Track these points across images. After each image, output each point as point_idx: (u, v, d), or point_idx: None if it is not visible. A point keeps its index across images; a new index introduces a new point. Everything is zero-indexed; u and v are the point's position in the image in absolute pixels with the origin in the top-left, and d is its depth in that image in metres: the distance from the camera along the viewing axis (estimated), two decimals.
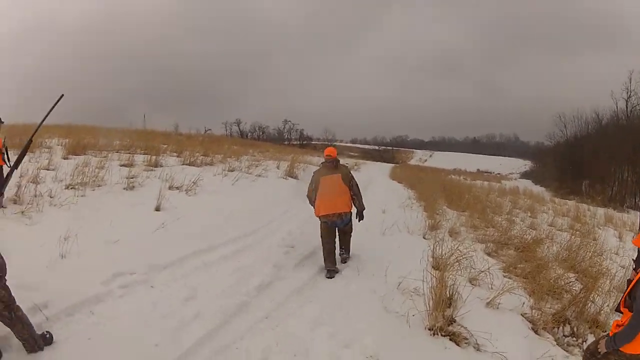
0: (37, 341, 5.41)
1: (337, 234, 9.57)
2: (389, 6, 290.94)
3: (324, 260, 9.25)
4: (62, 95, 5.60)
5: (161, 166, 16.41)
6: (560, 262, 11.46)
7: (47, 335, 5.64)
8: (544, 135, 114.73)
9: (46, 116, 5.63)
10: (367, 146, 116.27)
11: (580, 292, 8.24)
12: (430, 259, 9.25)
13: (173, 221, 11.04)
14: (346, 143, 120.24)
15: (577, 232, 18.16)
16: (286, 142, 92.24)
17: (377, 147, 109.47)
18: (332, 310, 7.48)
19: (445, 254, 9.07)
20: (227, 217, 12.38)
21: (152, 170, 15.50)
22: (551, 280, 9.35)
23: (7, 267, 5.25)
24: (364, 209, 9.66)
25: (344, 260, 9.69)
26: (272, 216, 13.38)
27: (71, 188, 11.96)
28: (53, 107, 5.60)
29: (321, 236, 9.37)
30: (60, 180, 12.41)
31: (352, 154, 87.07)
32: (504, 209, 22.14)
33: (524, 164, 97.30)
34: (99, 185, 12.68)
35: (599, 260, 12.04)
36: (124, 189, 12.97)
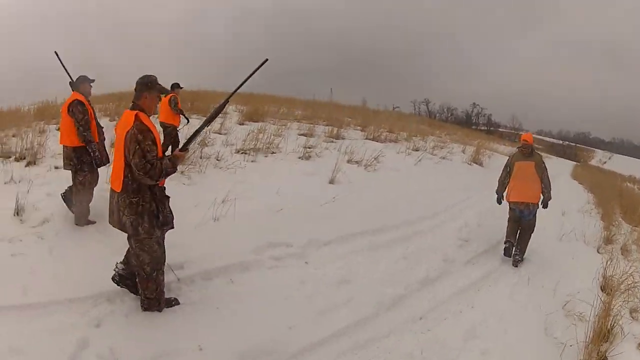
0: (160, 304, 5.60)
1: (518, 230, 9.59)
2: None
3: (507, 234, 9.64)
4: (267, 59, 5.43)
5: (342, 139, 16.65)
6: None
7: (173, 302, 5.86)
8: None
9: (246, 79, 5.47)
10: (552, 140, 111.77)
11: None
12: (601, 278, 8.73)
13: (345, 196, 10.97)
14: (533, 134, 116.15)
15: None
16: (473, 127, 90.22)
17: (561, 142, 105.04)
18: (491, 321, 6.89)
19: (616, 276, 8.45)
20: (404, 198, 12.07)
21: (332, 142, 15.83)
22: None
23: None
24: (550, 199, 9.72)
25: (515, 262, 9.40)
26: (452, 202, 12.84)
27: (242, 153, 12.42)
28: (255, 70, 5.49)
29: (508, 219, 9.71)
30: (231, 144, 12.92)
31: (538, 146, 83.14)
32: None
33: None
34: (272, 152, 12.99)
35: None
36: (299, 158, 13.14)
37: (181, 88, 12.92)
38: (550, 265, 9.55)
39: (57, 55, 7.91)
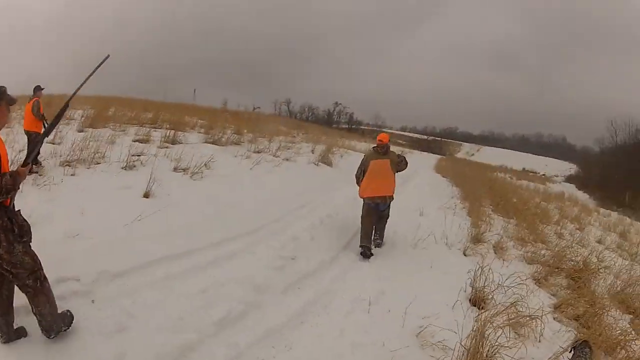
0: (56, 322, 4.88)
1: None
2: None
3: (361, 238, 9.42)
4: (108, 55, 5.06)
5: (180, 143, 15.06)
6: (612, 298, 9.62)
7: (68, 314, 5.19)
8: (592, 140, 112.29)
9: (87, 78, 4.96)
10: (416, 135, 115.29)
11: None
12: (469, 289, 7.64)
13: (155, 212, 9.17)
14: (396, 130, 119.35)
15: (626, 253, 16.77)
16: (335, 126, 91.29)
17: (426, 137, 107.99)
18: None
19: (491, 284, 7.45)
20: (225, 211, 10.41)
21: (167, 147, 14.17)
22: (605, 329, 7.24)
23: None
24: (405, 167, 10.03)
25: (377, 245, 9.79)
26: (283, 212, 11.21)
27: (66, 165, 10.83)
28: (96, 68, 5.02)
29: (361, 217, 9.68)
30: (60, 155, 11.31)
31: (400, 142, 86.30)
32: (552, 218, 20.17)
33: (569, 168, 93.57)
34: (97, 163, 11.47)
35: None
36: (123, 168, 11.61)
37: (42, 89, 12.05)
38: (401, 280, 8.15)
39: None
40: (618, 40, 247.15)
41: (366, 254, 9.18)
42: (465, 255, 10.18)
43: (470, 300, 7.41)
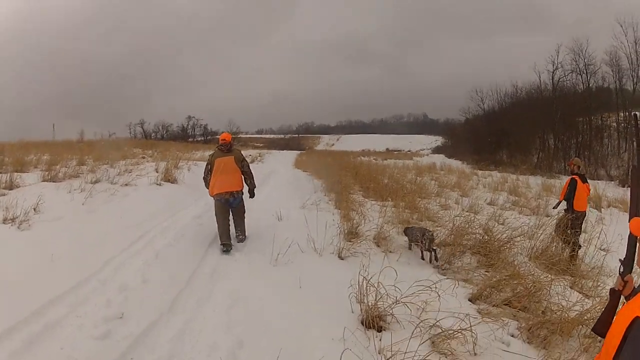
0: None
1: (230, 215, 9.98)
2: None
3: (220, 236, 9.54)
4: None
5: (17, 187, 12.69)
6: (535, 260, 8.87)
7: None
8: (454, 112, 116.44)
9: None
10: (273, 136, 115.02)
11: None
12: (358, 308, 6.04)
13: None
14: (252, 134, 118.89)
15: (526, 209, 16.64)
16: (190, 139, 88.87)
17: (283, 136, 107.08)
18: None
19: (382, 297, 5.80)
20: (51, 265, 7.93)
21: (3, 195, 11.73)
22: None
23: None
24: (255, 187, 10.34)
25: (240, 240, 9.87)
26: (116, 251, 8.95)
27: None
28: None
29: (215, 214, 9.89)
30: None
31: (257, 144, 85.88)
32: (431, 190, 18.86)
33: (435, 140, 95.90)
34: None
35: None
36: None
37: None
38: (262, 319, 6.18)
39: None
40: (463, 22, 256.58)
41: (227, 250, 9.31)
42: (341, 258, 8.53)
43: (363, 322, 5.80)
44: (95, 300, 6.66)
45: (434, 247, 8.63)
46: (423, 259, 8.67)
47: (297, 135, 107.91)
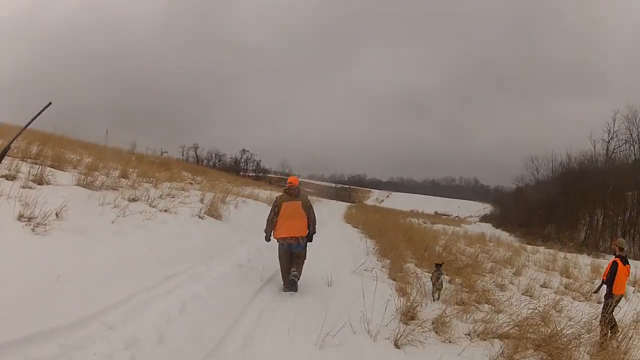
0: None
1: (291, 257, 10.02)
2: (365, 44, 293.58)
3: (282, 279, 9.88)
4: (50, 103, 4.64)
5: (47, 183, 11.42)
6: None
7: None
8: (505, 179, 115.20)
9: (28, 124, 4.63)
10: (324, 183, 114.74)
11: None
12: None
13: None
14: (303, 178, 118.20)
15: (577, 293, 15.74)
16: (242, 173, 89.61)
17: (334, 185, 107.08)
18: None
19: None
20: (51, 287, 6.61)
21: (30, 188, 10.55)
22: None
23: None
24: (315, 233, 10.27)
25: (294, 277, 9.73)
26: (132, 290, 7.39)
27: None
28: (38, 114, 4.60)
29: (279, 257, 10.04)
30: None
31: (308, 190, 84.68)
32: (484, 265, 17.89)
33: (483, 207, 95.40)
34: None
35: None
36: None
37: None
38: None
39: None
40: (522, 87, 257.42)
41: (291, 288, 9.65)
42: (397, 347, 7.33)
43: None
44: (93, 349, 5.42)
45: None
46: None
47: (348, 186, 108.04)
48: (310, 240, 10.24)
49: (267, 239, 10.32)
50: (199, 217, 14.16)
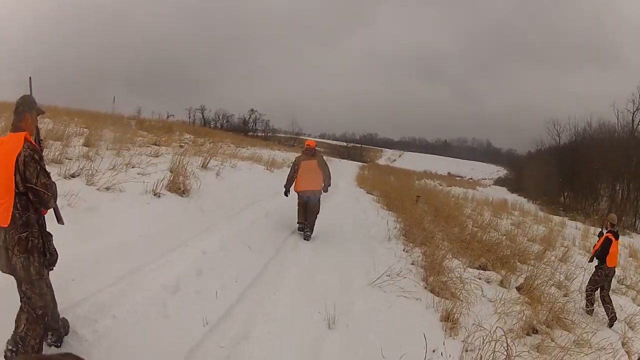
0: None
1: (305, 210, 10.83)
2: (380, 3, 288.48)
3: (298, 216, 10.73)
4: (30, 77, 4.91)
5: None
6: None
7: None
8: (518, 143, 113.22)
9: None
10: (335, 142, 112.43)
11: None
12: None
13: None
14: (314, 138, 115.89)
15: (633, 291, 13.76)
16: (250, 133, 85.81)
17: (345, 144, 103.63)
18: None
19: None
20: None
21: None
22: None
23: None
24: (330, 185, 11.17)
25: (306, 237, 10.23)
26: None
27: None
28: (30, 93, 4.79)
29: (298, 204, 10.87)
30: None
31: (319, 149, 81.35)
32: (528, 249, 14.52)
33: (497, 170, 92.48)
34: None
35: None
36: None
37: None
38: None
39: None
40: (537, 52, 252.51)
41: (302, 228, 10.57)
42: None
43: None
44: None
45: None
46: None
47: (360, 145, 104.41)
48: (326, 191, 11.14)
49: (286, 194, 11.19)
50: (154, 194, 9.63)
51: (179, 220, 8.66)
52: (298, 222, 10.81)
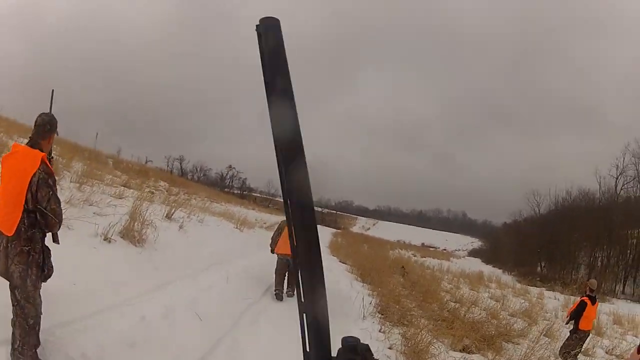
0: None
1: (286, 274, 10.84)
2: (363, 68, 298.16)
3: (274, 284, 10.50)
4: (53, 90, 5.27)
5: None
6: None
7: None
8: (494, 214, 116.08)
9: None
10: None
11: None
12: None
13: None
14: None
15: None
16: (226, 189, 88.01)
17: (320, 209, 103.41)
18: None
19: None
20: None
21: None
22: None
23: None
24: None
25: (289, 295, 10.34)
26: None
27: None
28: (51, 105, 5.17)
29: (275, 270, 10.78)
30: None
31: None
32: (509, 324, 13.65)
33: (471, 241, 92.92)
34: None
35: None
36: None
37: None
38: None
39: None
40: (517, 122, 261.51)
41: (279, 296, 10.38)
42: None
43: None
44: None
45: None
46: None
47: (334, 211, 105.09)
48: None
49: (272, 252, 11.28)
50: (105, 238, 8.58)
51: (124, 274, 7.50)
52: (275, 289, 10.51)
